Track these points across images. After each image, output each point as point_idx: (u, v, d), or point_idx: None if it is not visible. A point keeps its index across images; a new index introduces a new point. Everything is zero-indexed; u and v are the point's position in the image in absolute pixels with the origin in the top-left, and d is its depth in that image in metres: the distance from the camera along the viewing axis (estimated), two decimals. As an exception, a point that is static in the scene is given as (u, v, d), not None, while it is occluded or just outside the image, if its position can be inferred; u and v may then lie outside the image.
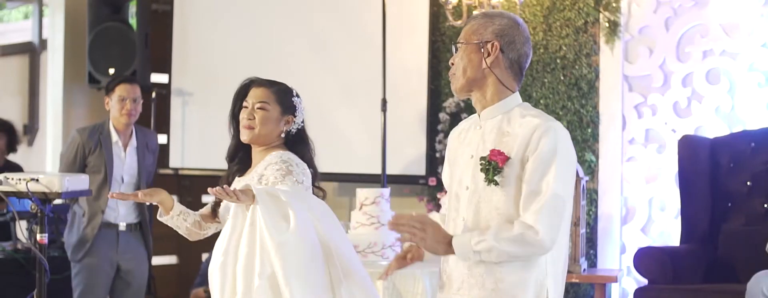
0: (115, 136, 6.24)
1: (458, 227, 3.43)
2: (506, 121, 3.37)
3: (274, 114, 4.08)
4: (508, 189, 3.30)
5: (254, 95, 4.10)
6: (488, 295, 3.34)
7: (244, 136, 4.09)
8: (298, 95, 4.16)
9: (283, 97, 4.12)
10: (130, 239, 6.28)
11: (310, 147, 4.18)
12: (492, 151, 3.32)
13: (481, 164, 3.33)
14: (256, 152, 4.14)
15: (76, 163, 6.16)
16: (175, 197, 4.22)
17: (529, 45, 3.44)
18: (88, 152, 6.17)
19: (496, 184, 3.30)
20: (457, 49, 3.46)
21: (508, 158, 3.29)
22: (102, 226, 6.16)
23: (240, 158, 4.21)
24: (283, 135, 4.11)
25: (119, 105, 6.20)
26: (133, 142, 6.30)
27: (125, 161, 6.24)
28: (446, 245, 3.28)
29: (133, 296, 6.34)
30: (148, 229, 6.33)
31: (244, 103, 4.11)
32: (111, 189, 6.14)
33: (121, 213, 6.23)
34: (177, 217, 4.14)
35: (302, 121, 4.16)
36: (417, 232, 3.27)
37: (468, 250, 3.25)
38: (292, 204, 3.74)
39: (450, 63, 3.47)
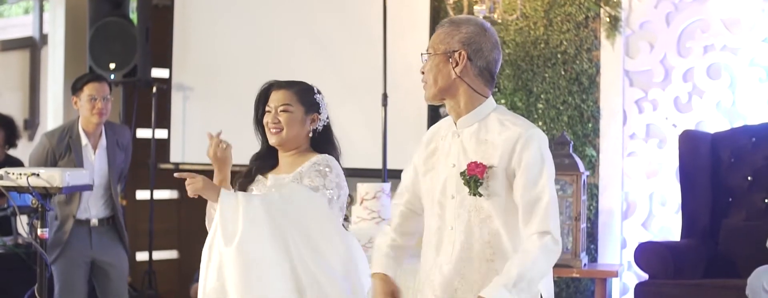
0: (84, 139, 6.11)
1: (444, 236, 3.44)
2: (484, 129, 3.39)
3: (298, 115, 4.07)
4: (496, 198, 3.33)
5: (276, 99, 4.08)
6: None
7: (272, 140, 4.07)
8: (319, 92, 4.15)
9: (305, 96, 4.11)
10: (104, 234, 6.19)
11: (337, 146, 4.21)
12: (469, 165, 3.33)
13: (463, 178, 3.34)
14: (286, 155, 4.13)
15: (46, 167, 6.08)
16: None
17: (498, 50, 3.45)
18: (58, 157, 6.06)
19: (481, 195, 3.32)
20: (426, 59, 3.47)
21: (486, 168, 3.31)
22: (74, 223, 6.10)
23: (265, 157, 4.20)
24: (310, 135, 4.12)
25: (89, 105, 6.05)
26: (103, 142, 6.17)
27: (95, 164, 6.13)
28: None
29: (115, 289, 6.27)
30: (122, 222, 6.27)
31: (267, 108, 4.09)
32: (82, 193, 6.03)
33: (93, 211, 6.17)
34: None
35: (327, 118, 4.16)
36: None
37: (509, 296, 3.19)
38: (243, 214, 3.78)
39: (420, 71, 3.48)
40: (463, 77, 3.39)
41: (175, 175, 3.85)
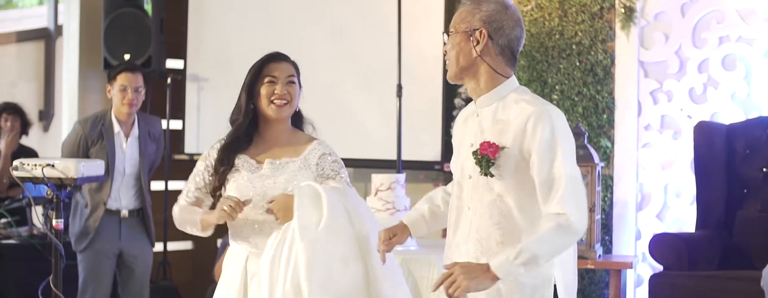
0: (117, 127, 6.16)
1: (462, 216, 3.44)
2: (501, 108, 3.37)
3: (298, 89, 4.05)
4: (507, 179, 3.30)
5: (282, 69, 4.02)
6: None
7: (281, 113, 3.99)
8: None
9: (299, 72, 4.10)
10: (133, 226, 6.24)
11: (306, 118, 4.16)
12: (482, 144, 3.32)
13: (475, 158, 3.33)
14: (280, 130, 4.07)
15: (78, 155, 6.11)
16: None
17: (521, 27, 3.42)
18: (90, 144, 6.10)
19: (492, 176, 3.30)
20: (448, 38, 3.45)
21: (499, 149, 3.29)
22: (104, 214, 6.14)
23: (245, 134, 4.09)
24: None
25: (120, 94, 6.12)
26: (135, 131, 6.23)
27: (127, 152, 6.18)
28: (486, 272, 3.19)
29: (137, 281, 6.30)
30: (150, 215, 6.32)
31: (271, 78, 3.99)
32: (113, 181, 6.09)
33: (123, 201, 6.21)
34: None
35: None
36: (454, 283, 3.19)
37: (511, 268, 3.18)
38: (328, 202, 3.73)
39: (443, 51, 3.48)
40: (484, 56, 3.37)
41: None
